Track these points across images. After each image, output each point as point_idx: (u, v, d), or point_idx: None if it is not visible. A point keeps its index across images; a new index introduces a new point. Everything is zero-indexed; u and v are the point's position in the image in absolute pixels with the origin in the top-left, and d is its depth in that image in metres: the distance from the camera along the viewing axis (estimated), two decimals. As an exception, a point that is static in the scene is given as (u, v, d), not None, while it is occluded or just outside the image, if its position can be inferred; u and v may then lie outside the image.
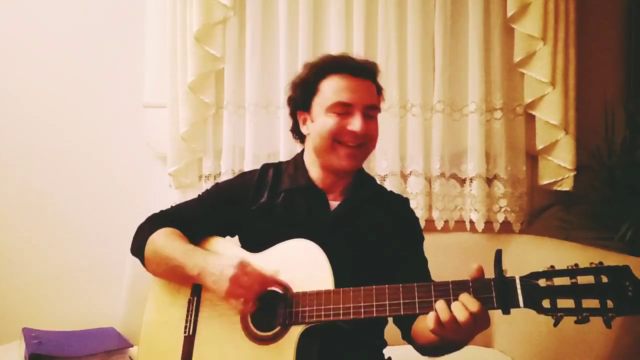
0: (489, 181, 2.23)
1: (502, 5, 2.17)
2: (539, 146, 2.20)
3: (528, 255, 1.93)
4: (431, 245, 1.43)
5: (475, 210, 2.18)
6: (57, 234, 2.22)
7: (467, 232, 2.21)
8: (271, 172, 1.40)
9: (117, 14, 2.24)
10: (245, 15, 2.17)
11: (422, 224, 2.18)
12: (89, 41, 2.24)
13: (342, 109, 1.29)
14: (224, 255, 1.25)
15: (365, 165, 2.15)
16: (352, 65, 1.33)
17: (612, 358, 1.46)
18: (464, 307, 1.00)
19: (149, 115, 2.23)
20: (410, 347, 1.31)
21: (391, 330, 1.38)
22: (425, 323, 1.05)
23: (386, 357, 1.37)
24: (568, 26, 2.17)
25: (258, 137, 2.17)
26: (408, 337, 1.31)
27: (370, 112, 1.32)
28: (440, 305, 1.02)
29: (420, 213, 2.18)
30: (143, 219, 1.41)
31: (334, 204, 1.34)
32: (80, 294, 2.19)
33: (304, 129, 1.37)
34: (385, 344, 1.39)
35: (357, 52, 2.15)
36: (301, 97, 1.36)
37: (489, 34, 2.20)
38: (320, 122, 1.31)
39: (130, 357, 1.74)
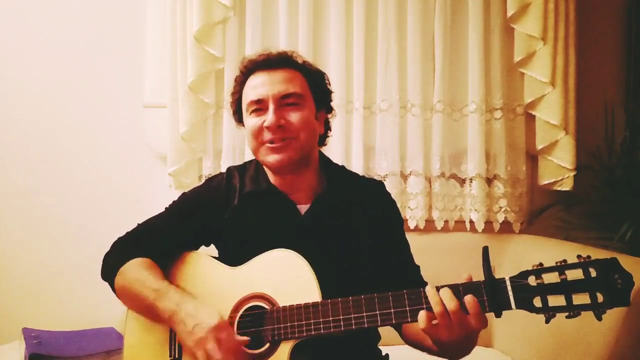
0: (489, 181, 2.23)
1: (502, 5, 2.17)
2: (539, 146, 2.20)
3: (528, 255, 1.93)
4: (431, 245, 1.43)
5: (475, 210, 2.18)
6: (57, 233, 2.22)
7: (467, 232, 2.21)
8: (237, 175, 1.36)
9: (117, 14, 2.24)
10: (245, 15, 2.17)
11: (422, 224, 2.19)
12: (89, 41, 2.24)
13: (257, 106, 1.25)
14: (200, 305, 1.15)
15: (365, 166, 2.19)
16: (261, 60, 1.29)
17: (612, 358, 1.46)
18: (453, 297, 0.99)
19: (149, 115, 2.23)
20: (409, 346, 1.30)
21: (390, 329, 1.38)
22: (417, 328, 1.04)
23: (383, 354, 1.36)
24: (568, 26, 2.17)
25: (258, 137, 2.17)
26: (396, 326, 1.29)
27: (288, 100, 1.24)
28: (432, 297, 1.01)
29: (420, 213, 2.18)
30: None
31: (303, 207, 1.29)
32: (80, 294, 2.19)
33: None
34: (379, 338, 1.37)
35: (357, 52, 2.16)
36: (234, 108, 1.35)
37: (489, 34, 2.20)
38: (245, 125, 1.29)
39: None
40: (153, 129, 2.22)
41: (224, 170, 2.12)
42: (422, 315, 1.00)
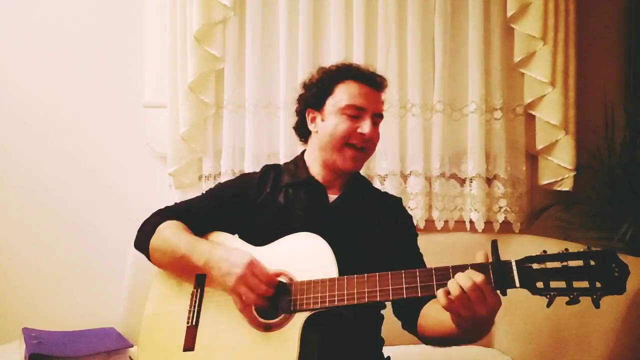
0: (489, 181, 2.23)
1: (502, 5, 2.17)
2: (539, 146, 2.20)
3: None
4: (431, 245, 1.44)
5: (475, 210, 2.18)
6: (57, 234, 2.22)
7: (467, 232, 2.21)
8: (272, 172, 1.47)
9: (117, 14, 2.24)
10: (245, 15, 2.17)
11: (422, 224, 2.19)
12: (89, 41, 2.24)
13: (355, 112, 1.37)
14: (231, 248, 1.27)
15: (365, 166, 2.17)
16: (368, 75, 1.43)
17: (612, 358, 1.46)
18: (468, 277, 1.04)
19: (149, 115, 2.23)
20: (409, 347, 1.31)
21: (390, 329, 1.38)
22: (435, 315, 1.12)
23: (385, 357, 1.37)
24: (568, 26, 2.17)
25: (258, 137, 2.17)
26: (410, 327, 1.32)
27: (377, 119, 1.41)
28: (450, 282, 1.06)
29: (420, 213, 2.18)
30: (143, 219, 1.42)
31: (332, 197, 1.41)
32: (80, 294, 2.19)
33: (312, 127, 1.44)
34: (383, 342, 1.41)
35: (357, 52, 2.16)
36: (316, 95, 1.44)
37: (489, 34, 2.20)
38: (331, 121, 1.39)
39: (130, 357, 1.74)
40: (153, 129, 2.22)
41: (223, 170, 2.17)
42: (440, 292, 1.05)
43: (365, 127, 1.36)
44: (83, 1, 2.24)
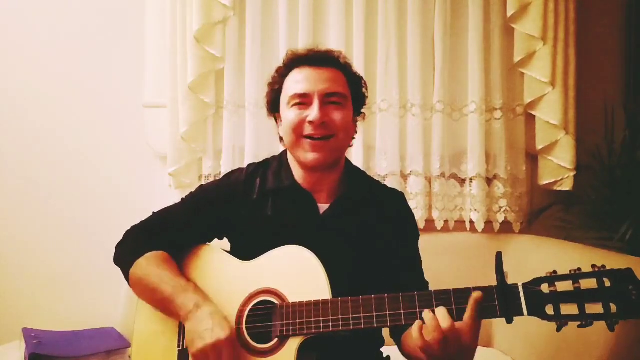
0: (489, 181, 2.23)
1: (502, 5, 2.17)
2: (539, 146, 2.20)
3: (528, 256, 1.93)
4: (431, 245, 1.42)
5: (475, 210, 2.18)
6: (57, 234, 2.22)
7: (467, 232, 2.21)
8: (258, 171, 1.36)
9: (117, 14, 2.25)
10: (245, 15, 2.17)
11: (422, 224, 2.19)
12: (89, 41, 2.24)
13: (301, 100, 1.25)
14: (218, 312, 1.15)
15: (365, 166, 2.19)
16: (309, 56, 1.30)
17: (612, 358, 1.46)
18: (447, 313, 1.00)
19: (149, 115, 2.23)
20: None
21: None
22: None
23: (385, 356, 1.37)
24: (568, 26, 2.17)
25: (258, 137, 2.17)
26: (395, 337, 1.30)
27: (332, 99, 1.26)
28: (425, 314, 1.01)
29: (420, 213, 2.18)
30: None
31: (323, 206, 1.29)
32: (80, 294, 2.19)
33: (279, 130, 1.35)
34: (382, 342, 1.38)
35: (357, 52, 2.16)
36: (271, 98, 1.35)
37: (489, 34, 2.20)
38: (284, 118, 1.29)
39: (130, 357, 1.74)
40: (153, 129, 2.22)
41: (223, 170, 2.16)
42: (415, 326, 1.01)
43: (311, 112, 1.23)
44: (83, 1, 2.24)
